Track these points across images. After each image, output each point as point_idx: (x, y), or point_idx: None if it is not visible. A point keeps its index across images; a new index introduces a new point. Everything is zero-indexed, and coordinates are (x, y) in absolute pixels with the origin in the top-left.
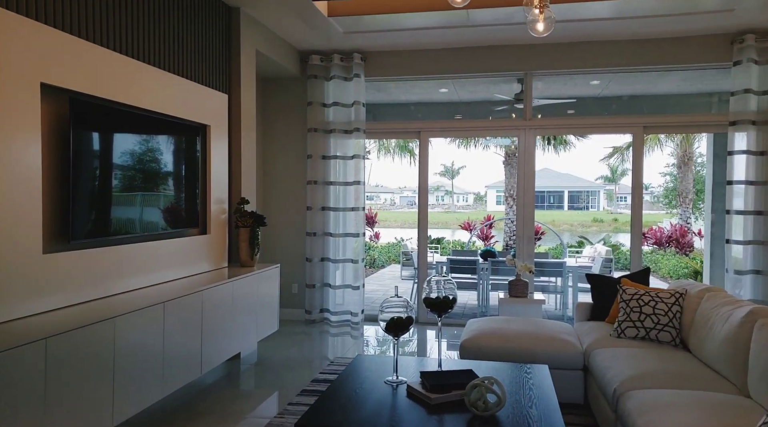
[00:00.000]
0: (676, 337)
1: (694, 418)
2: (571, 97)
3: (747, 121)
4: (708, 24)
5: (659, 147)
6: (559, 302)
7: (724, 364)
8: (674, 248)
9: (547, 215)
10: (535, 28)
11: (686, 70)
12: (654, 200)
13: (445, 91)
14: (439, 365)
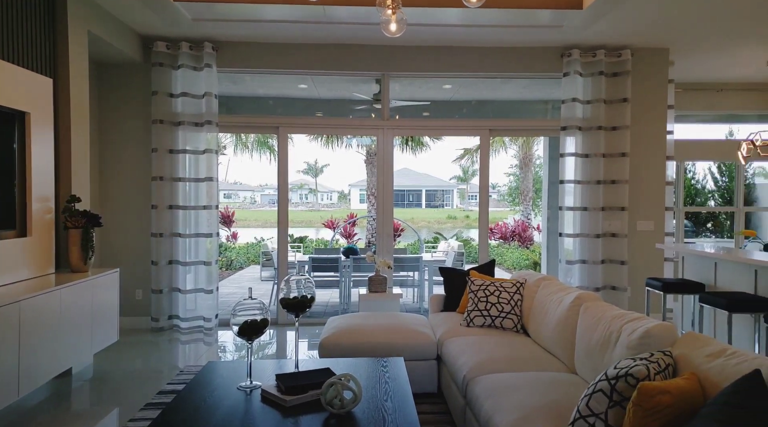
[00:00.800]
0: (517, 323)
1: (531, 396)
2: (426, 99)
3: (575, 126)
4: (542, 37)
5: (504, 149)
6: (416, 296)
7: (557, 345)
8: (517, 242)
9: (407, 213)
10: (388, 29)
11: (526, 79)
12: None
13: (305, 87)
14: (296, 366)
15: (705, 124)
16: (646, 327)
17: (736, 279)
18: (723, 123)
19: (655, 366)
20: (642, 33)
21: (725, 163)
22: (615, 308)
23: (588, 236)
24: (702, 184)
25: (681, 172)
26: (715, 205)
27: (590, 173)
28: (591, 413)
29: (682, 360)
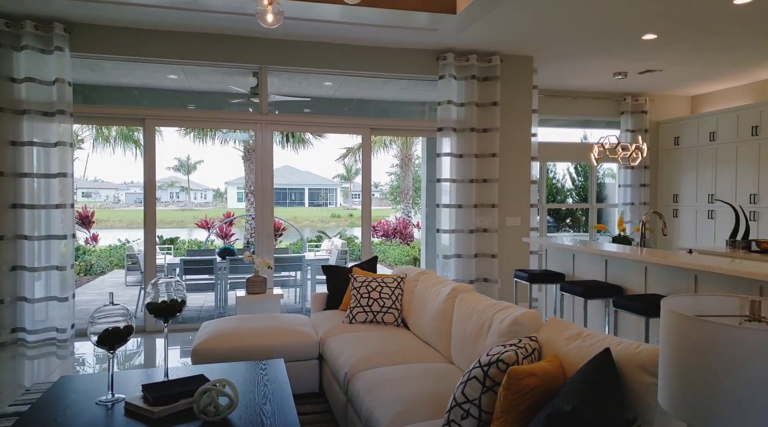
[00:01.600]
0: (398, 317)
1: (410, 389)
2: (307, 96)
3: (450, 128)
4: (419, 39)
5: (385, 149)
6: (298, 296)
7: (435, 337)
8: (399, 239)
9: (290, 212)
10: (265, 19)
11: (405, 80)
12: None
13: (175, 78)
14: (165, 374)
15: (564, 128)
16: (514, 315)
17: (590, 269)
18: (579, 127)
19: (523, 351)
20: (509, 41)
21: (581, 164)
22: (487, 299)
23: (462, 232)
24: (562, 183)
25: (544, 172)
26: (572, 202)
27: (464, 172)
28: (466, 399)
29: (546, 344)
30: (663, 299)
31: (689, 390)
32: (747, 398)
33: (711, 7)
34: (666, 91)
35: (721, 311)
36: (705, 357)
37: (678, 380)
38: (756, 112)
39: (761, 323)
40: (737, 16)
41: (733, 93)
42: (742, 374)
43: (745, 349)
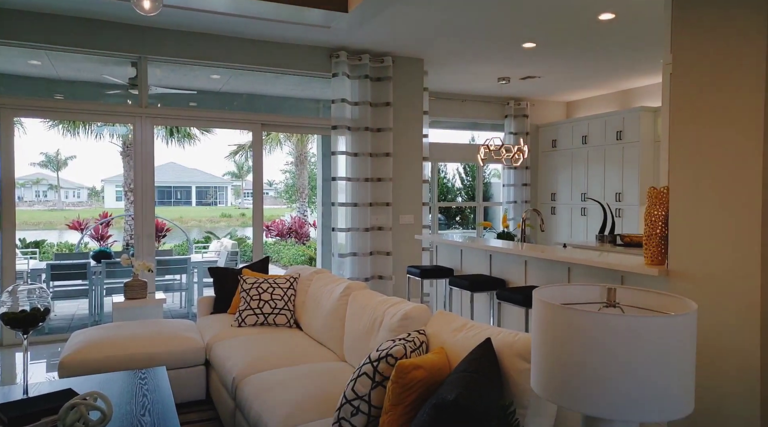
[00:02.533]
0: (291, 318)
1: (302, 389)
2: (193, 88)
3: (344, 126)
4: (313, 36)
5: (280, 146)
6: (184, 300)
7: (328, 336)
8: (294, 238)
9: (175, 211)
10: (141, 5)
11: (298, 76)
12: (277, 195)
13: (38, 64)
14: (25, 391)
15: (453, 130)
16: (404, 310)
17: (477, 263)
18: (467, 130)
19: (411, 344)
20: (401, 43)
21: (469, 164)
22: (380, 295)
23: (358, 230)
24: (452, 182)
25: (435, 172)
26: (462, 201)
27: (359, 171)
28: (356, 396)
29: (434, 336)
30: (534, 290)
31: (557, 373)
32: (606, 377)
33: (579, 21)
34: (545, 96)
35: (584, 299)
36: (570, 341)
37: (547, 364)
38: (620, 119)
39: (616, 308)
40: (602, 30)
41: (601, 100)
42: (601, 355)
43: (602, 332)
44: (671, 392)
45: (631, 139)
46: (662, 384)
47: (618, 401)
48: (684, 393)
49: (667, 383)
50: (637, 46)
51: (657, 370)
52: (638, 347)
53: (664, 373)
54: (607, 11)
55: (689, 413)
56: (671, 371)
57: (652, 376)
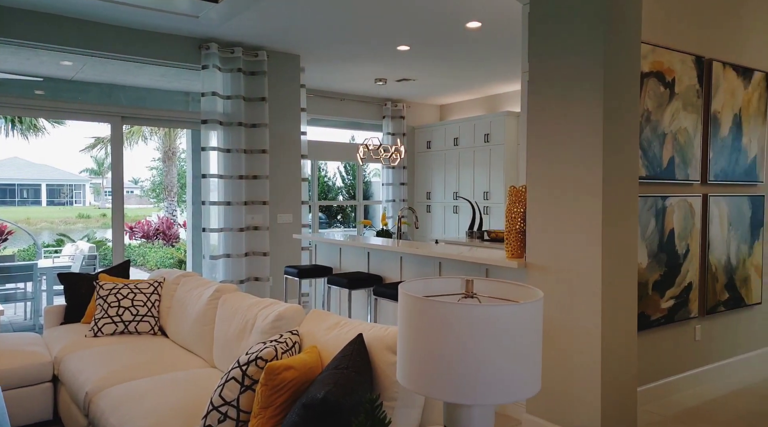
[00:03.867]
0: (155, 325)
1: (166, 399)
2: (39, 75)
3: (216, 121)
4: (180, 25)
5: (145, 140)
6: (30, 311)
7: (197, 342)
8: (162, 240)
9: (20, 212)
10: None
11: (165, 66)
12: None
13: None
14: None
15: (334, 129)
16: (277, 311)
17: (355, 261)
18: (347, 129)
19: (283, 345)
20: (276, 37)
21: (350, 163)
22: (252, 297)
23: (232, 230)
24: (333, 181)
25: (315, 170)
26: (343, 199)
27: (233, 168)
28: (224, 402)
29: (307, 336)
30: (400, 284)
31: (419, 363)
32: (464, 364)
33: (449, 29)
34: (420, 99)
35: (447, 291)
36: (431, 332)
37: (410, 355)
38: (487, 122)
39: (473, 298)
40: (470, 38)
41: (472, 104)
42: (459, 344)
43: (460, 322)
44: (521, 374)
45: (498, 141)
46: (513, 367)
47: (475, 386)
48: (533, 374)
49: (518, 365)
50: (501, 54)
51: (509, 354)
52: (492, 334)
53: (516, 357)
54: (474, 20)
55: (537, 391)
56: (521, 355)
57: (505, 360)
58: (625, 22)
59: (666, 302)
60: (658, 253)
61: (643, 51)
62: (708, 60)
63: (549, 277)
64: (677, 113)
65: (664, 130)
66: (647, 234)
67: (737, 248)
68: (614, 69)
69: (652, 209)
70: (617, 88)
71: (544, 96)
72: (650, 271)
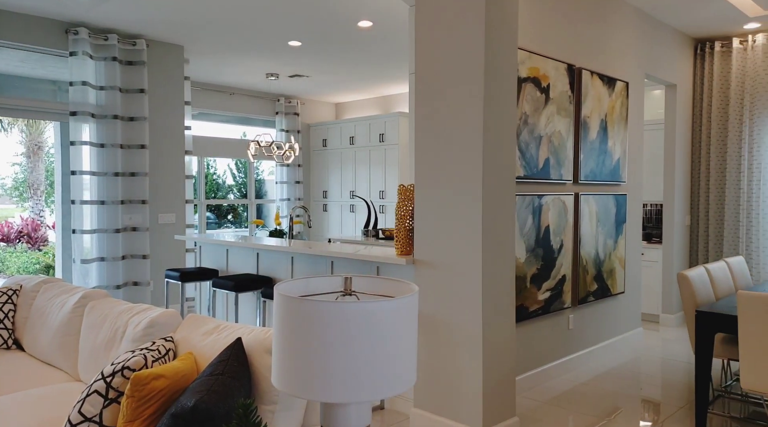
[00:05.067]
0: (8, 338)
1: (17, 420)
2: None
3: (87, 113)
4: (44, 5)
5: (5, 133)
6: None
7: (59, 354)
8: (27, 243)
9: None
10: None
11: (24, 50)
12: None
13: None
14: None
15: (224, 124)
16: (150, 317)
17: (244, 263)
18: (238, 124)
19: (155, 353)
20: (156, 25)
21: (241, 160)
22: (124, 303)
23: (107, 232)
24: (223, 179)
25: (202, 167)
26: (234, 198)
27: (107, 164)
28: (84, 418)
29: (183, 342)
30: (276, 284)
31: (295, 364)
32: (341, 362)
33: (341, 26)
34: (315, 96)
35: (327, 290)
36: (307, 332)
37: (286, 356)
38: (382, 122)
39: (352, 296)
40: (362, 38)
41: (367, 103)
42: (336, 342)
43: (337, 320)
44: (398, 368)
45: (392, 141)
46: (390, 362)
47: (350, 384)
48: (409, 367)
49: (394, 360)
50: (392, 55)
51: (386, 350)
52: (368, 331)
53: (392, 351)
54: (365, 19)
55: (413, 384)
56: (397, 349)
57: (382, 356)
58: (503, 30)
59: (543, 294)
60: (536, 248)
61: (521, 57)
62: (578, 68)
63: (435, 272)
64: (552, 117)
65: (541, 133)
66: (525, 230)
67: (604, 242)
68: (494, 73)
69: (529, 207)
70: (497, 91)
71: (430, 98)
72: (528, 265)
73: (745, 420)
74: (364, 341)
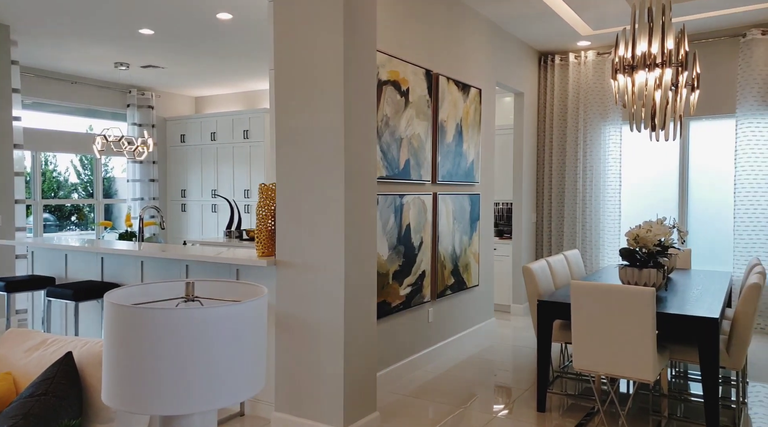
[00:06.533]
0: None
1: None
2: None
3: None
4: None
5: None
6: None
7: None
8: None
9: None
10: None
11: None
12: None
13: None
14: None
15: (65, 116)
16: None
17: (86, 269)
18: (83, 116)
19: None
20: None
21: (87, 156)
22: None
23: None
24: (65, 176)
25: (38, 163)
26: (78, 198)
27: None
28: None
29: (1, 361)
30: (107, 292)
31: (128, 377)
32: (182, 372)
33: (198, 16)
34: (172, 88)
35: (168, 296)
36: (141, 342)
37: (117, 370)
38: (246, 118)
39: (195, 302)
40: (223, 30)
41: (230, 99)
42: (176, 352)
43: (177, 328)
44: (242, 375)
45: (257, 138)
46: (237, 368)
47: (195, 394)
48: (255, 373)
49: (242, 366)
50: (254, 49)
51: (229, 356)
52: (213, 338)
53: (236, 358)
54: (224, 11)
55: (261, 388)
56: (244, 355)
57: (227, 362)
58: (362, 32)
59: (404, 290)
60: (397, 245)
61: (381, 60)
62: (436, 74)
63: (298, 273)
64: (411, 120)
65: (401, 135)
66: (388, 229)
67: (460, 239)
68: (354, 75)
69: (391, 206)
70: (357, 93)
71: (290, 96)
72: (390, 262)
73: (579, 396)
74: (202, 348)
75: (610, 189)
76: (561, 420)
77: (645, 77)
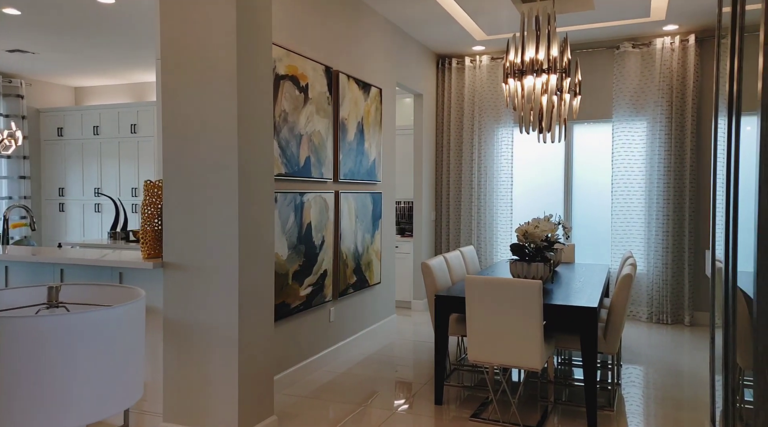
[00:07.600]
0: None
1: None
2: None
3: None
4: None
5: None
6: None
7: None
8: None
9: None
10: None
11: None
12: None
13: None
14: None
15: None
16: None
17: None
18: None
19: None
20: None
21: None
22: None
23: None
24: None
25: None
26: None
27: None
28: None
29: None
30: None
31: None
32: (45, 386)
33: (76, 1)
34: (46, 77)
35: (29, 302)
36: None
37: None
38: (134, 112)
39: (60, 308)
40: (105, 15)
41: (115, 90)
42: (37, 363)
43: (37, 337)
44: (118, 383)
45: (147, 133)
46: (107, 378)
47: (61, 407)
48: (134, 380)
49: (114, 375)
50: (141, 37)
51: (100, 365)
52: (81, 345)
53: (109, 366)
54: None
55: (140, 397)
56: (117, 363)
57: (99, 371)
58: (257, 25)
59: (305, 290)
60: (298, 245)
61: (279, 54)
62: (336, 71)
63: (187, 275)
64: (312, 117)
65: (301, 132)
66: (287, 228)
67: (363, 237)
68: (248, 62)
69: (291, 205)
70: (251, 87)
71: (179, 88)
72: (290, 262)
73: (474, 387)
74: (66, 358)
75: (503, 188)
76: (457, 411)
77: (533, 82)
